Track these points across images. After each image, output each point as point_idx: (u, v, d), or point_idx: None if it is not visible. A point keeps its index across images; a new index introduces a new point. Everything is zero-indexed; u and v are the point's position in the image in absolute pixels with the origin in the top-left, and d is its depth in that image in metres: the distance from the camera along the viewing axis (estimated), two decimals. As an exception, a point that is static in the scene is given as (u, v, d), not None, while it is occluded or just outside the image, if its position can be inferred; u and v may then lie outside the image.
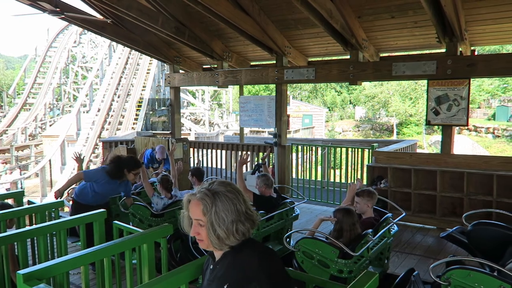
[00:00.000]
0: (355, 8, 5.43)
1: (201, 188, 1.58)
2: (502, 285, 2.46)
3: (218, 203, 1.51)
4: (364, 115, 34.84)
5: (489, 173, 5.14)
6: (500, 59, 5.30)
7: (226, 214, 1.50)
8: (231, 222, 1.50)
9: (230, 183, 1.61)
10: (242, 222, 1.53)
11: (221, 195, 1.52)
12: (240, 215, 1.52)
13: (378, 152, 6.31)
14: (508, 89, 31.33)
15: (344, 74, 6.20)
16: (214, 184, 1.58)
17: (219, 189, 1.54)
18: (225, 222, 1.50)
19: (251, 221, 1.56)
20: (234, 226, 1.51)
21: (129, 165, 4.26)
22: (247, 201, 1.58)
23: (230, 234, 1.50)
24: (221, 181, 1.61)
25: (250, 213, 1.56)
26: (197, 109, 26.53)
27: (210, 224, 1.50)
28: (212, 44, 7.20)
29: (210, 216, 1.50)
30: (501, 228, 3.44)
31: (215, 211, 1.50)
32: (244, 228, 1.53)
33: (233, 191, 1.56)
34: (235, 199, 1.53)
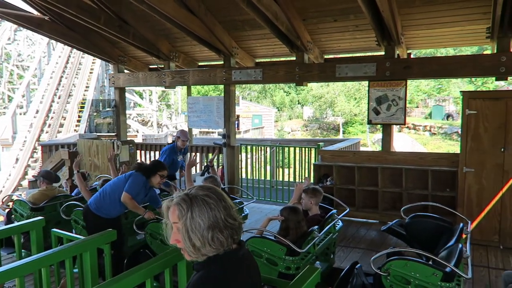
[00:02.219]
0: (300, 11, 5.57)
1: (180, 193, 1.49)
2: (435, 272, 2.65)
3: (195, 208, 1.41)
4: (312, 115, 35.75)
5: (424, 169, 5.49)
6: (432, 62, 5.69)
7: (202, 220, 1.40)
8: (206, 228, 1.40)
9: (212, 188, 1.50)
10: (220, 229, 1.41)
11: (198, 200, 1.42)
12: (218, 222, 1.41)
13: (324, 151, 6.52)
14: (442, 89, 33.58)
15: (291, 75, 6.34)
16: (194, 188, 1.49)
17: (198, 193, 1.45)
18: (200, 229, 1.39)
19: (230, 229, 1.44)
20: (210, 234, 1.40)
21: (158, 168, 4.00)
22: (229, 208, 1.46)
23: (206, 242, 1.40)
24: (203, 186, 1.51)
25: (230, 221, 1.44)
26: (145, 110, 25.84)
27: (185, 230, 1.41)
28: (158, 43, 7.06)
29: (185, 221, 1.40)
30: (435, 220, 3.70)
31: (191, 216, 1.40)
32: (222, 237, 1.41)
33: (213, 196, 1.45)
34: (213, 205, 1.42)
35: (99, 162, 7.36)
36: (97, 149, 7.37)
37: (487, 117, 4.76)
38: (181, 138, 5.85)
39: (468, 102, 4.85)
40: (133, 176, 3.90)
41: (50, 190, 4.77)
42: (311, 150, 7.69)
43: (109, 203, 3.86)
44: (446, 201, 5.12)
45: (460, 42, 6.66)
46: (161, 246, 3.66)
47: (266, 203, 7.32)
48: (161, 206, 3.87)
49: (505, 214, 4.77)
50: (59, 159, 7.68)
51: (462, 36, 5.75)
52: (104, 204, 3.86)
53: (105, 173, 6.65)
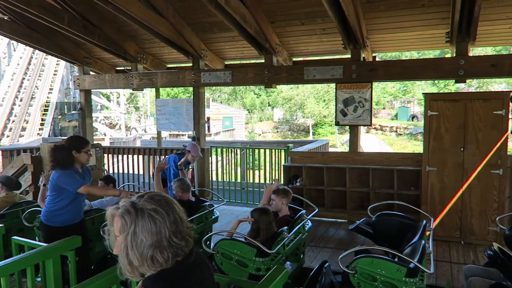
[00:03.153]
0: (267, 13, 5.62)
1: (126, 201, 1.36)
2: (400, 268, 2.73)
3: (139, 222, 1.28)
4: (282, 117, 36.07)
5: (390, 169, 5.66)
6: (396, 65, 5.88)
7: (145, 237, 1.27)
8: (148, 247, 1.27)
9: (162, 200, 1.36)
10: (162, 249, 1.29)
11: (144, 213, 1.29)
12: (162, 240, 1.28)
13: (293, 152, 6.59)
14: (407, 91, 34.71)
15: (260, 78, 6.37)
16: (143, 198, 1.35)
17: (145, 205, 1.31)
18: (141, 246, 1.27)
19: (175, 249, 1.31)
20: (150, 253, 1.27)
21: (75, 143, 3.50)
22: (178, 223, 1.33)
23: (145, 261, 1.27)
24: (153, 196, 1.37)
25: (175, 240, 1.31)
26: (112, 112, 25.26)
27: (123, 246, 1.28)
28: (125, 45, 6.93)
29: (126, 236, 1.28)
30: (400, 218, 3.82)
31: (133, 231, 1.27)
32: (162, 258, 1.28)
33: (160, 210, 1.31)
34: (159, 220, 1.29)
35: (64, 167, 7.13)
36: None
37: (447, 118, 4.96)
38: (191, 153, 5.33)
39: (430, 104, 5.04)
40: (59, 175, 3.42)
41: (10, 197, 4.58)
42: (281, 151, 7.75)
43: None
44: (411, 199, 5.30)
45: (422, 46, 6.92)
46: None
47: (236, 205, 7.31)
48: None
49: (466, 211, 4.99)
50: (21, 164, 7.36)
51: (424, 40, 5.97)
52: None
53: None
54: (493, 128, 4.76)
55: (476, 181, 4.88)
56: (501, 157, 4.79)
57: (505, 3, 4.73)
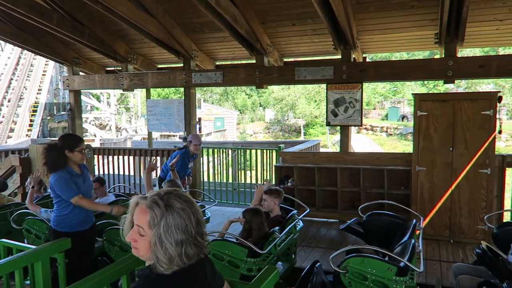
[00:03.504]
0: (258, 14, 5.62)
1: (154, 193, 1.40)
2: (390, 267, 2.75)
3: (169, 217, 1.34)
4: (273, 117, 36.13)
5: (380, 168, 5.70)
6: (386, 65, 5.93)
7: (176, 233, 1.33)
8: (179, 242, 1.34)
9: (189, 201, 1.41)
10: (191, 245, 1.36)
11: (174, 210, 1.35)
12: (189, 238, 1.36)
13: (285, 152, 6.60)
14: (397, 92, 35.01)
15: (251, 78, 6.38)
16: (172, 195, 1.40)
17: (174, 203, 1.37)
18: (174, 240, 1.33)
19: (198, 248, 1.39)
20: (183, 247, 1.34)
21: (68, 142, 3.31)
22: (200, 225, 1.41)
23: (175, 255, 1.34)
24: (181, 195, 1.42)
25: (199, 239, 1.39)
26: (102, 113, 25.06)
27: (158, 239, 1.33)
28: (115, 45, 6.88)
29: (157, 229, 1.33)
30: (390, 217, 3.85)
31: (166, 225, 1.33)
32: (191, 253, 1.36)
33: (188, 210, 1.38)
34: (187, 219, 1.36)
35: (53, 168, 7.06)
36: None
37: (436, 118, 5.01)
38: (193, 142, 5.38)
39: (419, 104, 5.09)
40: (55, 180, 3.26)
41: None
42: (273, 152, 7.77)
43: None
44: (401, 198, 5.34)
45: (411, 47, 6.97)
46: (120, 252, 3.56)
47: (228, 205, 7.31)
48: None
49: (455, 210, 5.05)
50: (9, 165, 7.27)
51: (413, 41, 6.02)
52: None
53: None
54: (481, 128, 4.83)
55: (464, 181, 4.94)
56: (489, 157, 4.86)
57: (492, 4, 4.80)
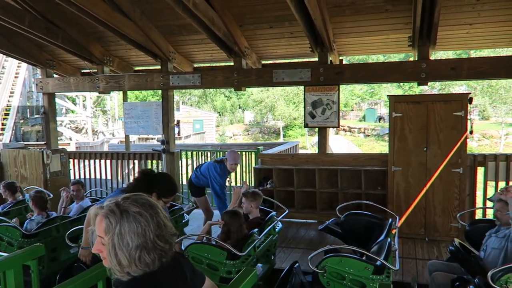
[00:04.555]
0: (236, 17, 5.63)
1: (111, 201, 1.38)
2: (367, 266, 2.81)
3: (124, 223, 1.31)
4: (253, 119, 36.19)
5: (358, 169, 5.79)
6: (362, 68, 6.04)
7: (131, 238, 1.31)
8: (135, 247, 1.31)
9: (147, 204, 1.38)
10: (148, 251, 1.33)
11: (130, 215, 1.33)
12: (147, 242, 1.32)
13: (264, 154, 6.63)
14: (374, 93, 35.66)
15: (229, 80, 6.38)
16: (129, 200, 1.38)
17: (130, 208, 1.34)
18: (128, 247, 1.30)
19: (159, 252, 1.35)
20: (137, 253, 1.31)
21: (161, 189, 3.10)
22: (162, 227, 1.37)
23: (132, 261, 1.31)
24: (138, 199, 1.39)
25: (160, 243, 1.35)
26: (78, 116, 24.52)
27: (111, 246, 1.31)
28: (90, 47, 6.76)
29: (112, 236, 1.31)
30: (367, 217, 3.92)
31: (119, 232, 1.31)
32: (149, 259, 1.33)
33: (145, 213, 1.34)
34: (144, 223, 1.33)
35: (27, 173, 6.87)
36: (24, 159, 6.86)
37: (411, 119, 5.14)
38: (228, 162, 4.89)
39: (394, 106, 5.21)
40: None
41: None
42: (252, 154, 7.78)
43: None
44: (378, 198, 5.44)
45: (387, 50, 7.12)
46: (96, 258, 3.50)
47: (208, 208, 7.26)
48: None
49: (429, 208, 5.18)
50: (-20, 171, 7.04)
51: (388, 44, 6.15)
52: None
53: (34, 185, 6.23)
54: (453, 128, 4.98)
55: (438, 180, 5.08)
56: (461, 157, 5.01)
57: (462, 9, 4.96)
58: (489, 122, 27.38)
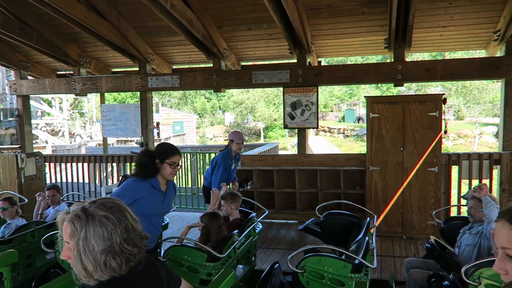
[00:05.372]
0: (215, 18, 5.63)
1: (78, 206, 1.35)
2: (345, 265, 2.84)
3: (90, 227, 1.28)
4: (233, 121, 36.12)
5: (337, 169, 5.86)
6: (340, 69, 6.12)
7: (97, 242, 1.28)
8: (100, 252, 1.28)
9: (114, 207, 1.35)
10: (114, 255, 1.30)
11: (95, 219, 1.29)
12: (114, 246, 1.30)
13: (244, 156, 6.63)
14: (353, 94, 36.11)
15: (208, 82, 6.36)
16: (95, 204, 1.35)
17: (96, 212, 1.31)
18: (93, 252, 1.28)
19: (127, 255, 1.32)
20: (103, 258, 1.28)
21: (159, 154, 2.89)
22: (130, 231, 1.34)
23: (98, 266, 1.28)
24: (105, 202, 1.36)
25: (127, 247, 1.32)
26: (54, 119, 23.95)
27: (76, 252, 1.29)
28: (66, 48, 6.63)
29: (77, 241, 1.28)
30: (345, 217, 3.98)
31: (85, 236, 1.28)
32: (115, 263, 1.30)
33: (111, 217, 1.31)
34: (111, 226, 1.30)
35: (1, 178, 6.66)
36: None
37: (388, 119, 5.24)
38: (235, 141, 4.79)
39: (371, 106, 5.30)
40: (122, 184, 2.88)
41: None
42: (232, 155, 7.76)
43: None
44: (356, 198, 5.53)
45: (364, 52, 7.24)
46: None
47: (188, 210, 7.23)
48: None
49: (406, 207, 5.29)
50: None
51: (365, 46, 6.26)
52: None
53: (8, 189, 6.05)
54: (429, 128, 5.10)
55: (414, 179, 5.19)
56: (436, 156, 5.14)
57: (436, 12, 5.09)
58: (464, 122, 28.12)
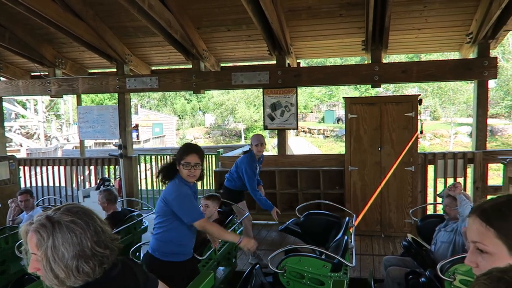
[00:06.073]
0: (193, 19, 5.60)
1: (41, 215, 1.30)
2: (325, 264, 2.87)
3: (57, 235, 1.24)
4: (214, 122, 35.97)
5: (316, 169, 5.92)
6: (319, 70, 6.18)
7: (66, 249, 1.24)
8: (71, 258, 1.24)
9: (80, 212, 1.32)
10: (86, 259, 1.27)
11: (62, 225, 1.26)
12: (85, 250, 1.27)
13: (224, 157, 6.62)
14: (332, 95, 36.51)
15: (188, 83, 6.32)
16: (60, 210, 1.30)
17: (62, 218, 1.27)
18: (64, 259, 1.24)
19: (100, 258, 1.30)
20: (74, 264, 1.25)
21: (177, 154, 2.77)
22: (100, 233, 1.31)
23: (70, 273, 1.24)
24: (71, 208, 1.32)
25: (99, 249, 1.29)
26: (29, 121, 23.32)
27: (46, 261, 1.24)
28: (41, 49, 6.47)
29: (45, 250, 1.24)
30: (325, 216, 4.02)
31: (53, 245, 1.23)
32: (88, 267, 1.27)
33: (79, 221, 1.28)
34: (79, 231, 1.27)
35: (-28, 183, 6.46)
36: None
37: (366, 120, 5.32)
38: (253, 143, 4.64)
39: (349, 107, 5.37)
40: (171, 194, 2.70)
41: None
42: (212, 157, 7.74)
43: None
44: (336, 198, 5.59)
45: (342, 53, 7.34)
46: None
47: (168, 213, 7.15)
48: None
49: (384, 206, 5.38)
50: None
51: (343, 47, 6.34)
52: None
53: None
54: (405, 128, 5.21)
55: (392, 178, 5.28)
56: (413, 155, 5.25)
57: (411, 15, 5.21)
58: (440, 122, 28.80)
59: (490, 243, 0.99)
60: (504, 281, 0.72)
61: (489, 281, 0.74)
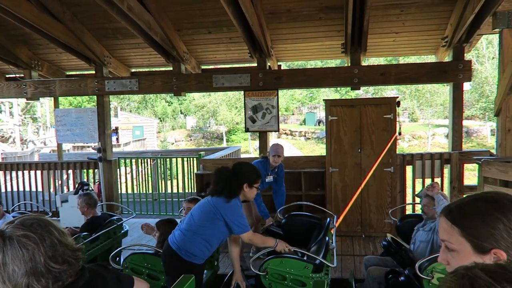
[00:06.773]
0: (173, 21, 5.56)
1: None
2: (306, 265, 2.89)
3: (8, 251, 1.17)
4: (195, 125, 35.81)
5: (298, 171, 5.95)
6: (300, 73, 6.22)
7: (17, 266, 1.17)
8: (21, 275, 1.17)
9: (35, 224, 1.23)
10: (38, 276, 1.18)
11: (14, 241, 1.18)
12: (37, 266, 1.18)
13: (205, 160, 6.58)
14: (313, 98, 36.85)
15: (168, 86, 6.27)
16: (13, 224, 1.23)
17: (14, 232, 1.19)
18: (14, 276, 1.16)
19: (54, 275, 1.21)
20: (25, 282, 1.17)
21: (249, 177, 3.02)
22: (57, 247, 1.23)
23: None
24: (24, 221, 1.23)
25: (54, 265, 1.21)
26: (4, 124, 22.71)
27: None
28: (16, 50, 6.31)
29: None
30: (306, 218, 4.05)
31: (2, 261, 1.17)
32: (39, 286, 1.19)
33: (32, 235, 1.20)
34: (32, 246, 1.19)
35: None
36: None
37: (346, 122, 5.39)
38: (270, 154, 4.67)
39: (330, 109, 5.43)
40: (226, 206, 2.87)
41: None
42: (193, 159, 7.70)
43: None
44: (317, 199, 5.62)
45: (322, 56, 7.42)
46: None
47: (149, 217, 7.06)
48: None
49: (365, 207, 5.45)
50: None
51: (323, 50, 6.41)
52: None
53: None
54: (384, 130, 5.29)
55: (372, 179, 5.36)
56: (392, 157, 5.34)
57: (389, 19, 5.31)
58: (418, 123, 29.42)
59: (456, 241, 1.04)
60: (467, 277, 0.75)
61: (455, 278, 0.78)
